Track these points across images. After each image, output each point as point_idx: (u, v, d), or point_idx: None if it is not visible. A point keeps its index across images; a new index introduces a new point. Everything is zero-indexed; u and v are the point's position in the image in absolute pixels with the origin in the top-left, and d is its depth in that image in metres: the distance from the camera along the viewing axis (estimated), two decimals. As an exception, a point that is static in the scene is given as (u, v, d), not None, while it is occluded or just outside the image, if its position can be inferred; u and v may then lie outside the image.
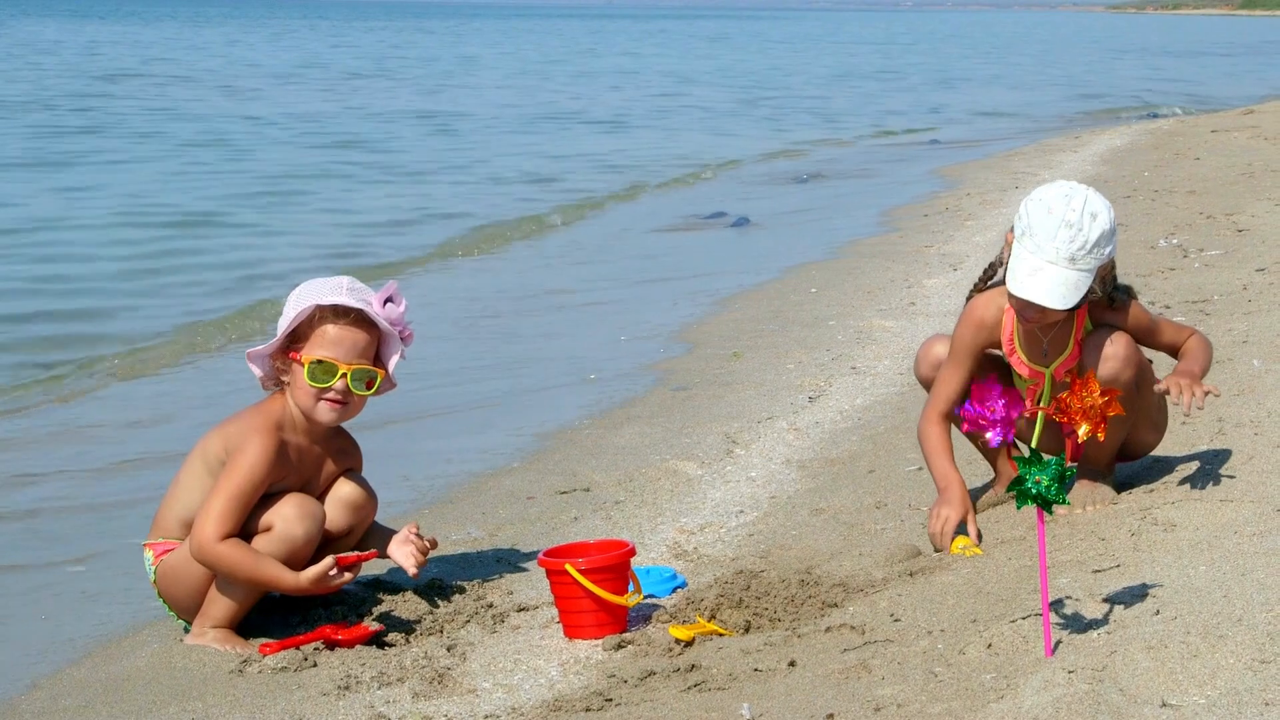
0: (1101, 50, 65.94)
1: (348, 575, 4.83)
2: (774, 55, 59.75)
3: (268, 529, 4.74)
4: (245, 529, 4.74)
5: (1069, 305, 4.86)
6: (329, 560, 4.78)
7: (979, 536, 4.99)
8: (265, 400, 4.94)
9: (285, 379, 4.89)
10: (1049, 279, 4.82)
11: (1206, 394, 4.88)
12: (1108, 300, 5.10)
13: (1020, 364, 5.19)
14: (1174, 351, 5.21)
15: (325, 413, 4.86)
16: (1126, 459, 5.46)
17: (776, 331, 9.32)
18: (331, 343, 4.83)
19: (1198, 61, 55.74)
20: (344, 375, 4.82)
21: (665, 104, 33.06)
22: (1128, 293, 5.15)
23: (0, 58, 46.85)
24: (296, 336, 4.85)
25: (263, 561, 4.71)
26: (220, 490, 4.70)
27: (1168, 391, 4.90)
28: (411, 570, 4.95)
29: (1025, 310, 4.97)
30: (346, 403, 4.87)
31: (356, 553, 4.90)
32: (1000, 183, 17.05)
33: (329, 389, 4.82)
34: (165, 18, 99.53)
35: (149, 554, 4.89)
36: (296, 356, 4.83)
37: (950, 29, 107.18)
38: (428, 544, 5.02)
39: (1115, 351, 5.03)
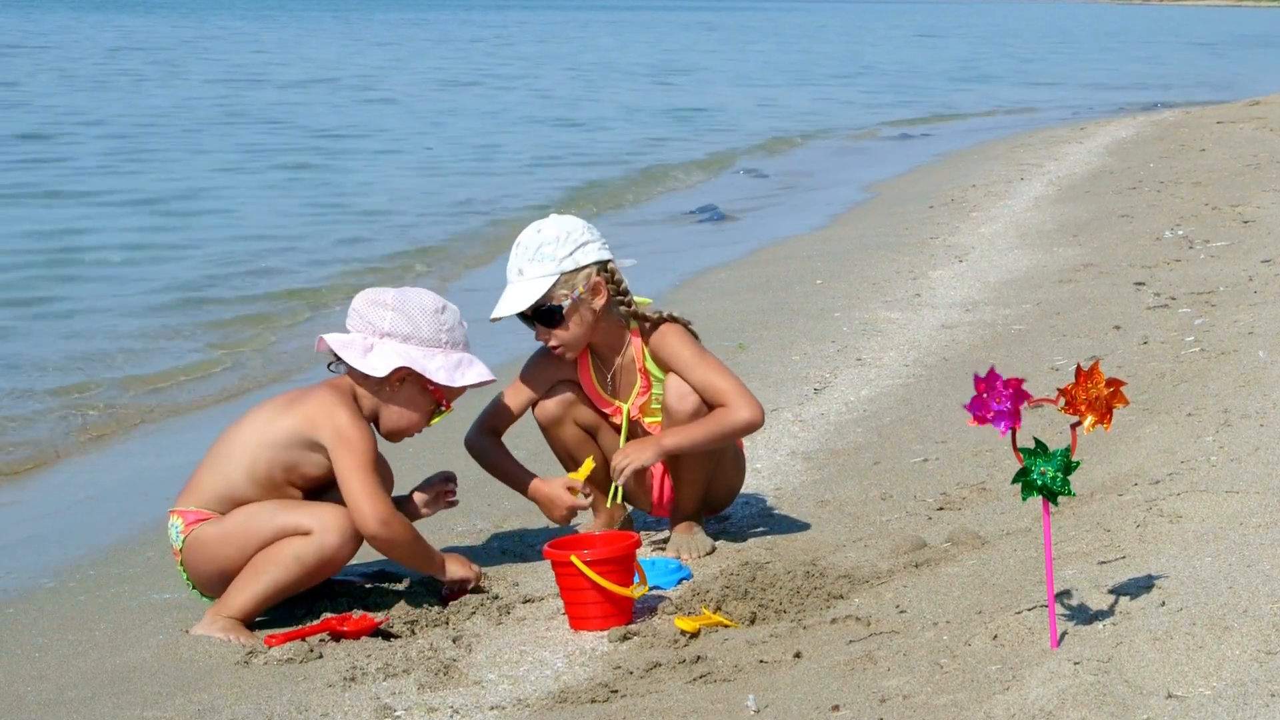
0: (1106, 44, 65.82)
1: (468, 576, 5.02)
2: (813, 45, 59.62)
3: (306, 531, 4.71)
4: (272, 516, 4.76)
5: (518, 309, 5.09)
6: (475, 568, 5.00)
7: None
8: (334, 380, 4.95)
9: (387, 386, 4.92)
10: (505, 295, 5.12)
11: (625, 471, 5.10)
12: (625, 319, 5.20)
13: (597, 397, 5.33)
14: (705, 398, 5.17)
15: (413, 433, 5.04)
16: (715, 509, 5.52)
17: (782, 323, 9.31)
18: (454, 394, 5.03)
19: (1202, 54, 55.64)
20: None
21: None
22: (672, 319, 5.25)
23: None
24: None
25: (422, 540, 4.89)
26: (355, 471, 4.71)
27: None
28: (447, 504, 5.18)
29: (537, 336, 5.21)
30: None
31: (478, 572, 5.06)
32: (1005, 174, 17.00)
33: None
34: (158, 8, 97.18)
35: (178, 520, 4.83)
36: (441, 396, 4.98)
37: (953, 22, 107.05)
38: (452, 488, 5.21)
39: (678, 385, 5.17)
